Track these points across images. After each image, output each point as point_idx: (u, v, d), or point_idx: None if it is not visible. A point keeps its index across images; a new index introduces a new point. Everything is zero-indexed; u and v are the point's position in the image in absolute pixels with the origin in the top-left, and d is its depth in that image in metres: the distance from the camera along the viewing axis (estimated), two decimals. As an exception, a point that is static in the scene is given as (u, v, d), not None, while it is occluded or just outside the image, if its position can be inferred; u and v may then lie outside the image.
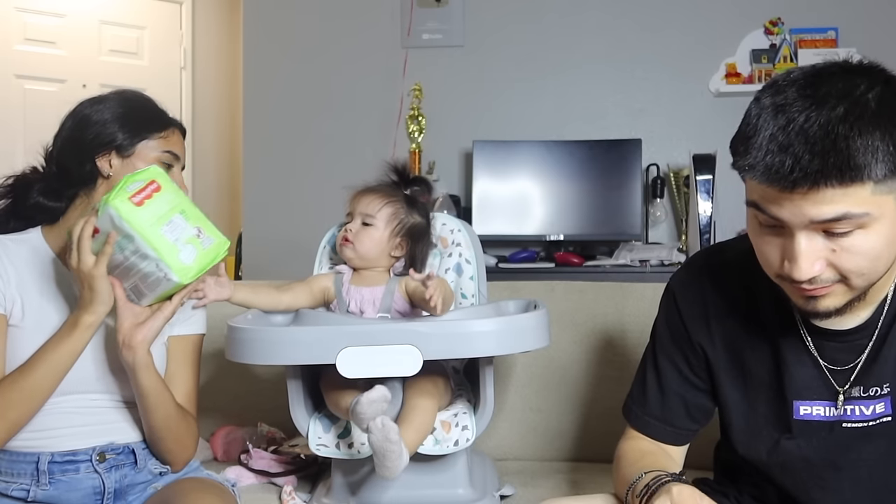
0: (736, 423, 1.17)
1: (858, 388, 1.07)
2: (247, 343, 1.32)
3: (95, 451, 1.36)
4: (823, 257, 0.95)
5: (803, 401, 1.10)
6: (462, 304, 1.63)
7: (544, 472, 1.71)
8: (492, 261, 3.24)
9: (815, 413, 1.10)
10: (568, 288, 1.90)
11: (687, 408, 1.22)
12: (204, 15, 4.71)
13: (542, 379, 1.84)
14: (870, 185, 0.90)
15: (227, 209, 4.84)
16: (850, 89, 0.91)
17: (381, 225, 1.54)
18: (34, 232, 1.43)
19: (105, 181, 1.40)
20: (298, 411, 1.44)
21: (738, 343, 1.15)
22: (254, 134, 3.74)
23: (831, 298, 0.99)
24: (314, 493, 1.53)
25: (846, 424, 1.08)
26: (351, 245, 1.54)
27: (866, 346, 1.06)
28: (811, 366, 1.09)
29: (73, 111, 1.43)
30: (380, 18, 3.63)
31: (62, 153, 1.41)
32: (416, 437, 1.34)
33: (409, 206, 1.57)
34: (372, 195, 1.56)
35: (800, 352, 1.10)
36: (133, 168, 1.38)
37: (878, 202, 0.91)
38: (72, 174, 1.40)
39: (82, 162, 1.40)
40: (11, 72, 4.05)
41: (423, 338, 1.27)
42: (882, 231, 0.94)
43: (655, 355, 1.25)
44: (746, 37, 3.46)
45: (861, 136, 0.88)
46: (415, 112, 3.61)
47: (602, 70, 3.53)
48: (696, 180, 3.17)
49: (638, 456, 1.20)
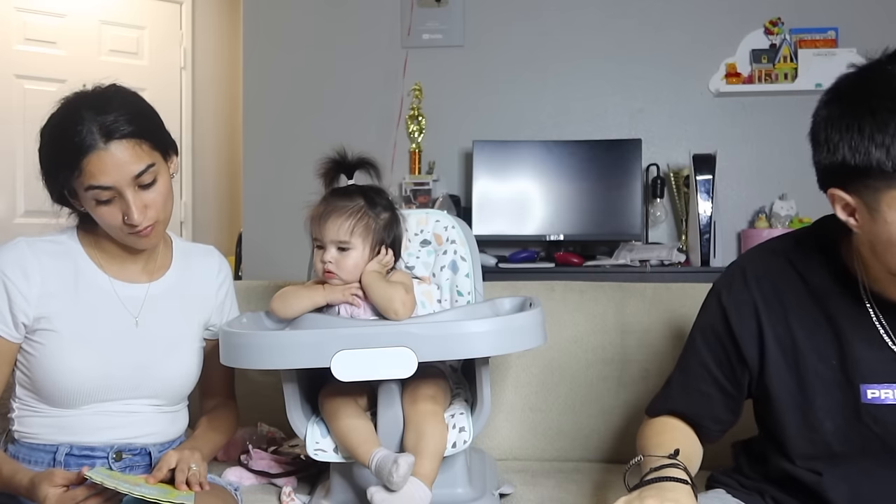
0: (791, 419, 1.16)
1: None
2: (241, 347, 1.32)
3: (113, 450, 1.38)
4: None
5: (871, 384, 1.10)
6: (458, 302, 1.63)
7: (544, 471, 1.71)
8: (492, 261, 3.24)
9: (884, 396, 1.10)
10: (568, 288, 1.90)
11: (712, 410, 1.23)
12: (204, 15, 4.70)
13: (542, 379, 1.84)
14: None
15: (227, 209, 4.84)
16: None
17: (358, 244, 1.47)
18: (70, 233, 1.44)
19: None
20: (296, 415, 1.44)
21: (793, 337, 1.16)
22: (254, 134, 3.75)
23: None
24: (313, 495, 1.53)
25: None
26: (336, 275, 1.47)
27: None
28: (879, 348, 1.10)
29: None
30: (380, 18, 3.63)
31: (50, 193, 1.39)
32: (433, 466, 1.34)
33: (371, 205, 1.49)
34: (338, 219, 1.46)
35: (869, 335, 1.11)
36: (87, 207, 1.34)
37: None
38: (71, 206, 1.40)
39: (64, 202, 1.39)
40: (11, 72, 4.04)
41: (418, 339, 1.27)
42: None
43: (690, 353, 1.26)
44: (746, 37, 3.46)
45: None
46: (415, 112, 3.61)
47: (602, 70, 3.53)
48: (696, 180, 3.17)
49: (660, 428, 1.22)
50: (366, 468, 1.34)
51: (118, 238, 1.37)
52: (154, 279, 1.47)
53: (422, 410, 1.38)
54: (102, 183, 1.28)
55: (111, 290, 1.41)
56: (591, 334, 1.84)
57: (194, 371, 1.49)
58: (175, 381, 1.45)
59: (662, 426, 1.28)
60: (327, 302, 1.49)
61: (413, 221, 1.69)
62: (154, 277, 1.47)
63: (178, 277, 1.50)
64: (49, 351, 1.34)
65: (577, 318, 1.85)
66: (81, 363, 1.34)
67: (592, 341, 1.83)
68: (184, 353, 1.47)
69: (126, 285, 1.43)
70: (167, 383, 1.43)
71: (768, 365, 1.17)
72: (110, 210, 1.31)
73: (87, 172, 1.27)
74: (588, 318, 1.85)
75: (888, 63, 1.00)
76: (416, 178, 3.53)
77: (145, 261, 1.46)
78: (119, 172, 1.28)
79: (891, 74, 0.98)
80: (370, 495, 1.27)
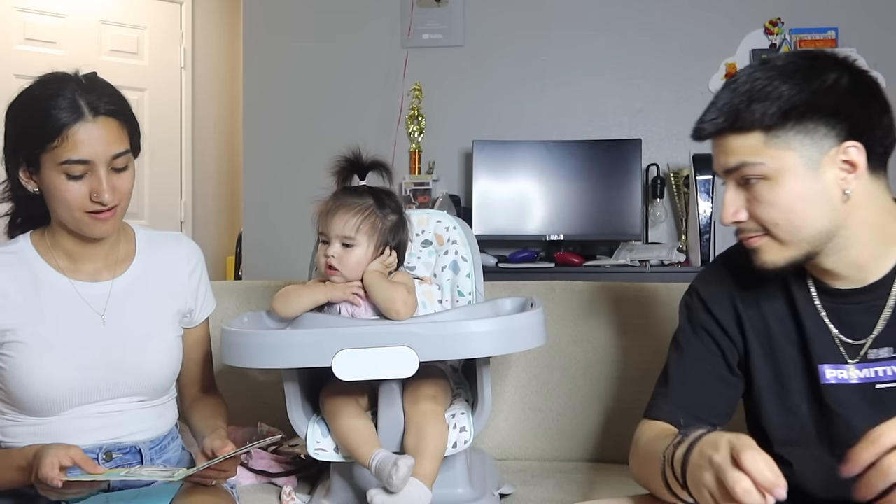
0: (771, 405, 1.18)
1: (889, 348, 1.09)
2: (242, 347, 1.32)
3: (102, 450, 1.36)
4: (743, 206, 1.08)
5: (827, 364, 1.13)
6: (459, 303, 1.63)
7: (544, 471, 1.71)
8: (492, 261, 3.24)
9: (841, 376, 1.12)
10: (568, 288, 1.90)
11: (710, 400, 1.23)
12: (204, 15, 4.71)
13: (542, 379, 1.84)
14: (760, 135, 1.03)
15: (227, 209, 4.84)
16: (768, 59, 1.07)
17: (363, 241, 1.47)
18: (23, 240, 1.40)
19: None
20: (296, 414, 1.44)
21: (766, 322, 1.18)
22: (254, 134, 3.75)
23: (767, 253, 1.10)
24: (314, 494, 1.53)
25: (879, 385, 1.10)
26: (338, 272, 1.48)
27: (882, 306, 1.10)
28: (826, 329, 1.13)
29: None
30: (380, 18, 3.63)
31: (6, 170, 1.36)
32: (433, 466, 1.34)
33: (380, 206, 1.50)
34: (345, 214, 1.47)
35: (816, 316, 1.14)
36: (48, 189, 1.30)
37: (775, 155, 1.03)
38: (20, 189, 1.36)
39: (12, 177, 1.36)
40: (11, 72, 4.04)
41: (419, 339, 1.27)
42: (789, 185, 1.04)
43: (681, 352, 1.26)
44: (746, 37, 3.46)
45: (756, 91, 1.03)
46: (415, 112, 3.61)
47: (602, 70, 3.53)
48: (696, 180, 3.17)
49: (660, 432, 1.20)
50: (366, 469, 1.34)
51: (73, 223, 1.33)
52: (117, 275, 1.42)
53: (422, 410, 1.38)
54: (81, 156, 1.27)
55: (73, 292, 1.37)
56: (591, 334, 1.84)
57: (172, 362, 1.45)
58: (152, 375, 1.41)
59: (663, 430, 1.23)
60: (328, 300, 1.49)
61: (414, 221, 1.69)
62: (117, 273, 1.42)
63: (144, 269, 1.45)
64: (18, 363, 1.31)
65: (577, 318, 1.85)
66: (53, 370, 1.31)
67: (592, 341, 1.84)
68: (158, 346, 1.43)
69: (88, 285, 1.39)
70: (145, 378, 1.40)
71: (751, 352, 1.20)
72: (79, 186, 1.29)
73: (68, 143, 1.26)
74: (588, 318, 1.85)
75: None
76: (416, 178, 3.53)
77: (104, 257, 1.42)
78: (100, 147, 1.28)
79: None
80: (370, 497, 1.28)
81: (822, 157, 1.04)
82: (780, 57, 1.08)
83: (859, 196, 1.06)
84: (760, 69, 1.06)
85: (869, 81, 1.08)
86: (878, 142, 1.06)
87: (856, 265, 1.10)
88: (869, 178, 1.07)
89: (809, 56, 1.08)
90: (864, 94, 1.06)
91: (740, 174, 1.07)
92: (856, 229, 1.07)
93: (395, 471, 1.26)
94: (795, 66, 1.05)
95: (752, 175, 1.06)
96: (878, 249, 1.09)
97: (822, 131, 1.03)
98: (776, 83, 1.04)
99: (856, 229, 1.07)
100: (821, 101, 1.03)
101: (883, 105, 1.07)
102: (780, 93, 1.03)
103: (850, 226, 1.07)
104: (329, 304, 1.51)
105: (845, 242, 1.08)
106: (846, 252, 1.09)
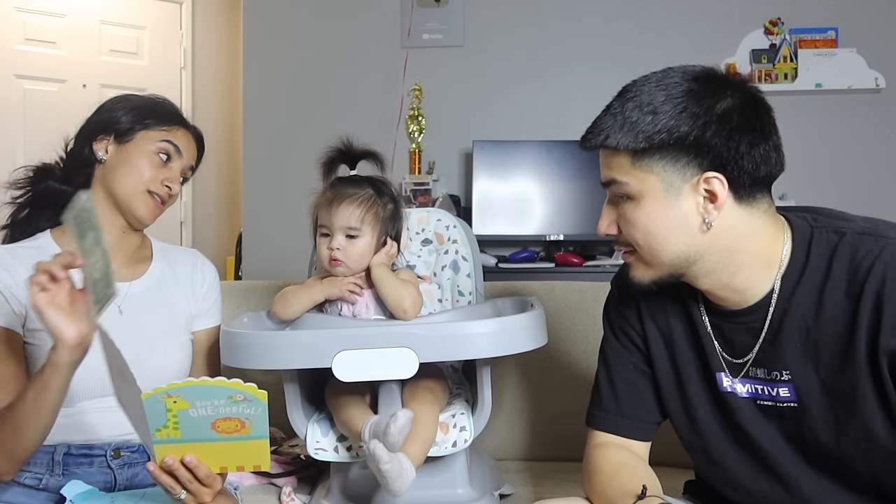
0: (674, 407, 1.21)
1: (763, 369, 1.10)
2: (242, 347, 1.32)
3: (111, 448, 1.38)
4: (614, 220, 1.11)
5: (723, 373, 1.14)
6: (459, 302, 1.63)
7: (544, 472, 1.71)
8: (492, 261, 3.24)
9: (733, 387, 1.14)
10: (568, 288, 1.90)
11: (640, 397, 1.24)
12: (204, 15, 4.71)
13: (542, 379, 1.84)
14: (627, 156, 1.06)
15: (227, 209, 4.84)
16: (664, 76, 1.10)
17: (367, 231, 1.47)
18: (43, 236, 1.44)
19: (101, 167, 1.42)
20: (296, 415, 1.44)
21: (669, 325, 1.20)
22: (254, 134, 3.75)
23: (635, 270, 1.12)
24: (313, 495, 1.53)
25: (759, 402, 1.12)
26: (342, 263, 1.47)
27: (761, 329, 1.10)
28: (713, 346, 1.15)
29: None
30: (380, 18, 3.63)
31: (75, 139, 1.45)
32: (422, 450, 1.34)
33: (379, 194, 1.50)
34: (349, 205, 1.47)
35: (705, 332, 1.16)
36: (128, 158, 1.40)
37: (639, 177, 1.05)
38: (74, 157, 1.44)
39: (83, 145, 1.43)
40: (11, 72, 4.05)
41: (419, 340, 1.27)
42: (648, 208, 1.06)
43: (605, 354, 1.29)
44: (746, 37, 3.46)
45: (625, 112, 1.07)
46: (415, 112, 3.61)
47: (602, 70, 3.53)
48: (696, 180, 3.16)
49: (612, 470, 1.19)
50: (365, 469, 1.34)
51: (129, 197, 1.41)
52: (136, 277, 1.47)
53: (419, 399, 1.39)
54: (178, 144, 1.45)
55: None
56: (591, 334, 1.84)
57: (186, 364, 1.48)
58: (167, 376, 1.39)
59: (609, 464, 1.22)
60: (325, 297, 1.49)
61: (414, 220, 1.69)
62: (136, 275, 1.47)
63: (160, 276, 1.50)
64: (42, 351, 1.32)
65: (577, 318, 1.85)
66: None
67: (592, 341, 1.83)
68: (172, 346, 1.46)
69: None
70: (160, 378, 1.39)
71: (651, 350, 1.22)
72: (159, 166, 1.43)
73: (174, 134, 1.44)
74: (588, 318, 1.85)
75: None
76: (416, 178, 3.53)
77: (122, 257, 1.45)
78: (188, 153, 1.47)
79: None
80: (372, 446, 1.24)
81: (683, 184, 1.04)
82: (676, 73, 1.09)
83: (724, 225, 1.05)
84: (646, 85, 1.10)
85: (753, 110, 1.06)
86: (745, 173, 1.03)
87: (731, 288, 1.09)
88: (736, 208, 1.05)
89: (704, 77, 1.09)
90: (736, 125, 1.03)
91: (612, 190, 1.10)
92: (721, 255, 1.06)
93: (394, 420, 1.24)
94: (684, 90, 1.06)
95: (619, 193, 1.08)
96: (755, 274, 1.08)
97: (685, 160, 1.03)
98: (655, 105, 1.05)
99: (721, 255, 1.06)
100: (689, 130, 1.02)
101: (760, 135, 1.05)
102: (654, 119, 1.04)
103: (714, 252, 1.06)
104: (329, 302, 1.51)
105: (712, 267, 1.08)
106: (717, 276, 1.08)
